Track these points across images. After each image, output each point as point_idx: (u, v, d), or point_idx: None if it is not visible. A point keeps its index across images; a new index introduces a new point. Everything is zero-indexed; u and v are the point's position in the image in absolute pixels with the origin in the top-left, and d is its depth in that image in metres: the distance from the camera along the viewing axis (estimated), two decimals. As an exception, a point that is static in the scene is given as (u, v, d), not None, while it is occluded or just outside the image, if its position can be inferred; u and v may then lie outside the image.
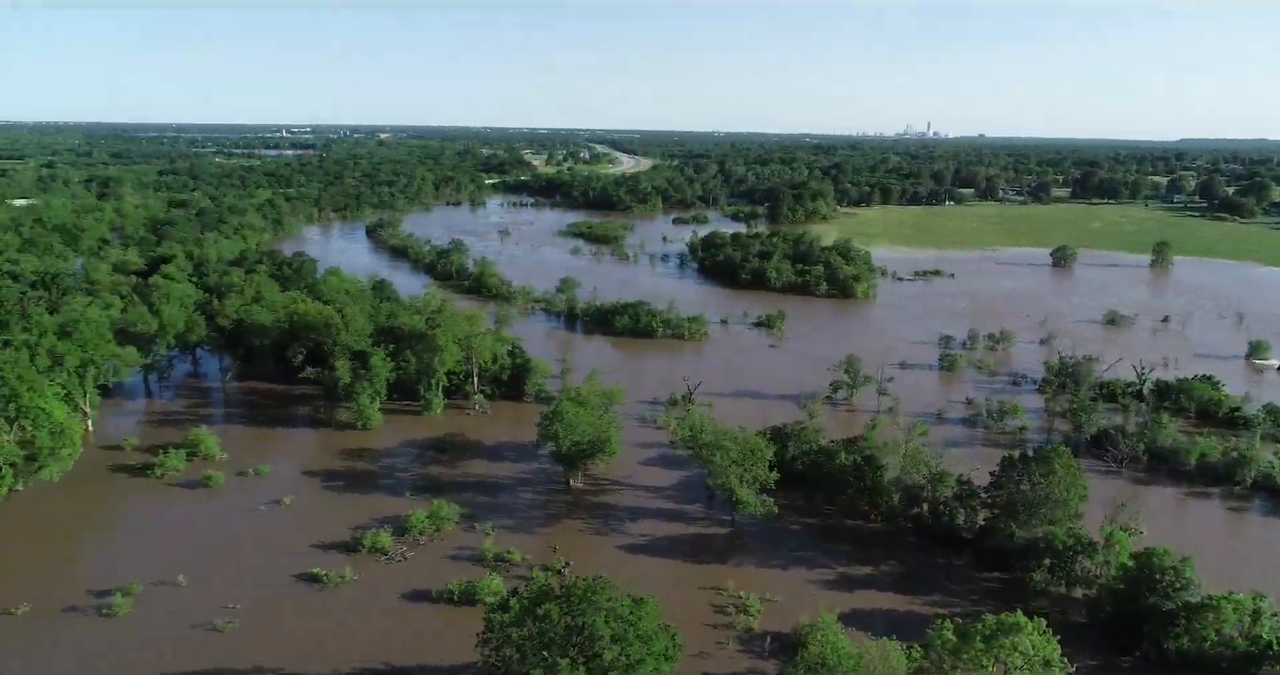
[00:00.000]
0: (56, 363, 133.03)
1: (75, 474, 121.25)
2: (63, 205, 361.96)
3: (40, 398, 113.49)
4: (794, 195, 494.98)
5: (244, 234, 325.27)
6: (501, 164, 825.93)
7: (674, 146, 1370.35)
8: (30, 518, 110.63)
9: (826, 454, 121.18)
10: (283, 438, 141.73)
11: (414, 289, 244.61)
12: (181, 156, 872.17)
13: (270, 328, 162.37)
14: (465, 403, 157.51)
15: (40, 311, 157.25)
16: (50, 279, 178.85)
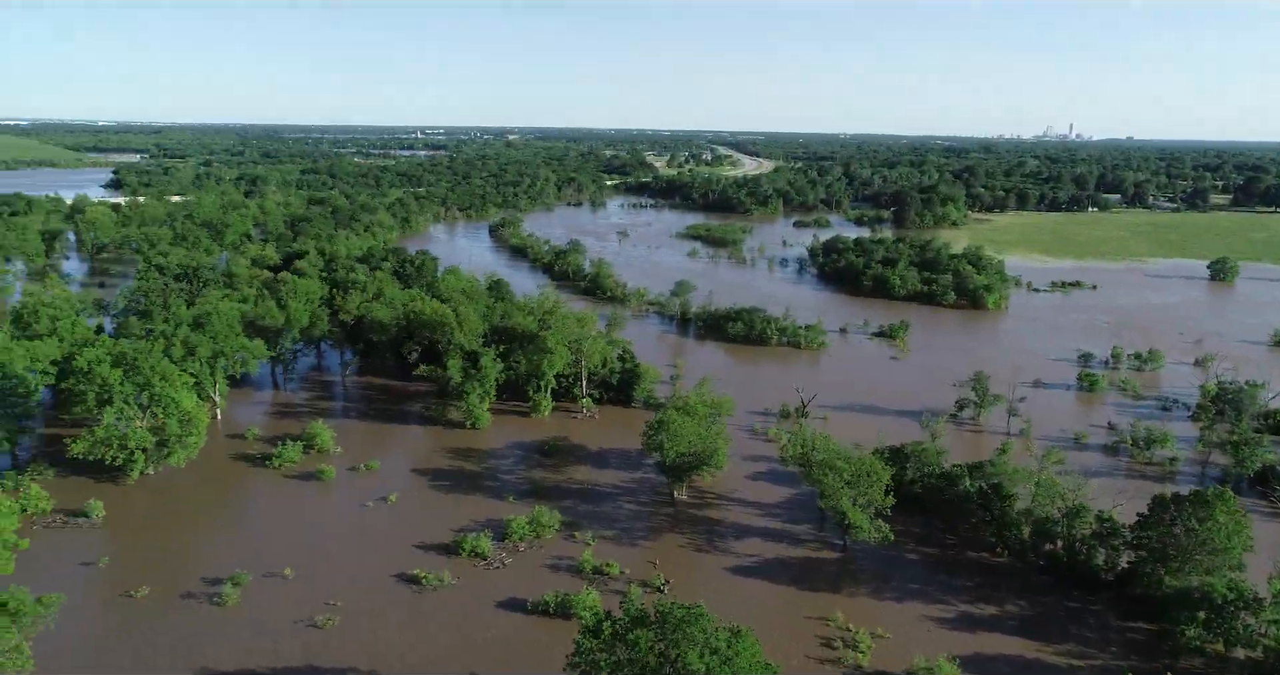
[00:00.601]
0: (190, 353, 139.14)
1: (201, 461, 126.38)
2: (212, 202, 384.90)
3: (171, 387, 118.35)
4: (922, 199, 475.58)
5: (373, 231, 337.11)
6: (624, 165, 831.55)
7: (797, 148, 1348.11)
8: (157, 501, 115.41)
9: (949, 479, 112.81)
10: (394, 433, 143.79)
11: (530, 289, 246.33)
12: (323, 157, 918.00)
13: (389, 324, 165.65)
14: (573, 406, 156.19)
15: (180, 303, 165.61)
16: (192, 272, 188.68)
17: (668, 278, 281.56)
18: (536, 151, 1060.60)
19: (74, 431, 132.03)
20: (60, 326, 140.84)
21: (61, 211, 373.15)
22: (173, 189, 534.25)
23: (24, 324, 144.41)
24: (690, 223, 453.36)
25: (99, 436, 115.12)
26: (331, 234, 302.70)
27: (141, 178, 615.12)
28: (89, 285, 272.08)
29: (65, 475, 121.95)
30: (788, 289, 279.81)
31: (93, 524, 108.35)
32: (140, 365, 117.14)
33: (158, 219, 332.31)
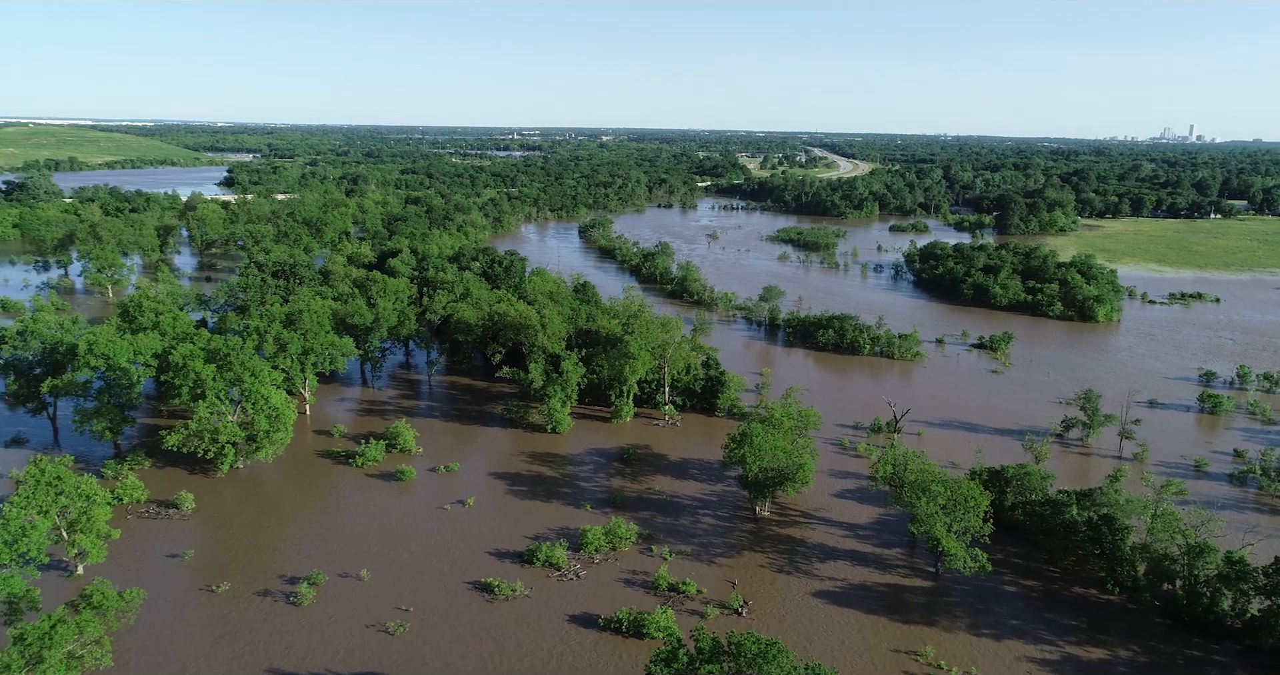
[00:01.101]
0: (281, 349, 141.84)
1: (288, 456, 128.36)
2: (315, 201, 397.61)
3: (260, 384, 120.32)
4: (1027, 204, 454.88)
5: (466, 231, 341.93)
6: (716, 167, 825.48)
7: (895, 150, 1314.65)
8: (244, 495, 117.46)
9: (1055, 507, 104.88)
10: (475, 435, 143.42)
11: (616, 291, 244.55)
12: (422, 157, 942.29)
13: (475, 325, 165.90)
14: (655, 413, 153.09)
15: (275, 300, 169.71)
16: (289, 269, 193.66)
17: (756, 282, 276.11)
18: (629, 153, 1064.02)
19: (173, 422, 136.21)
20: (162, 320, 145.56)
21: (176, 208, 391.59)
22: (279, 187, 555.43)
23: (130, 317, 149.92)
24: (781, 226, 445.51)
25: (192, 430, 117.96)
26: (425, 233, 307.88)
27: (252, 176, 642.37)
28: (197, 279, 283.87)
29: (161, 466, 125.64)
30: (881, 296, 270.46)
31: (182, 515, 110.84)
32: (232, 361, 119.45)
33: (262, 216, 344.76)
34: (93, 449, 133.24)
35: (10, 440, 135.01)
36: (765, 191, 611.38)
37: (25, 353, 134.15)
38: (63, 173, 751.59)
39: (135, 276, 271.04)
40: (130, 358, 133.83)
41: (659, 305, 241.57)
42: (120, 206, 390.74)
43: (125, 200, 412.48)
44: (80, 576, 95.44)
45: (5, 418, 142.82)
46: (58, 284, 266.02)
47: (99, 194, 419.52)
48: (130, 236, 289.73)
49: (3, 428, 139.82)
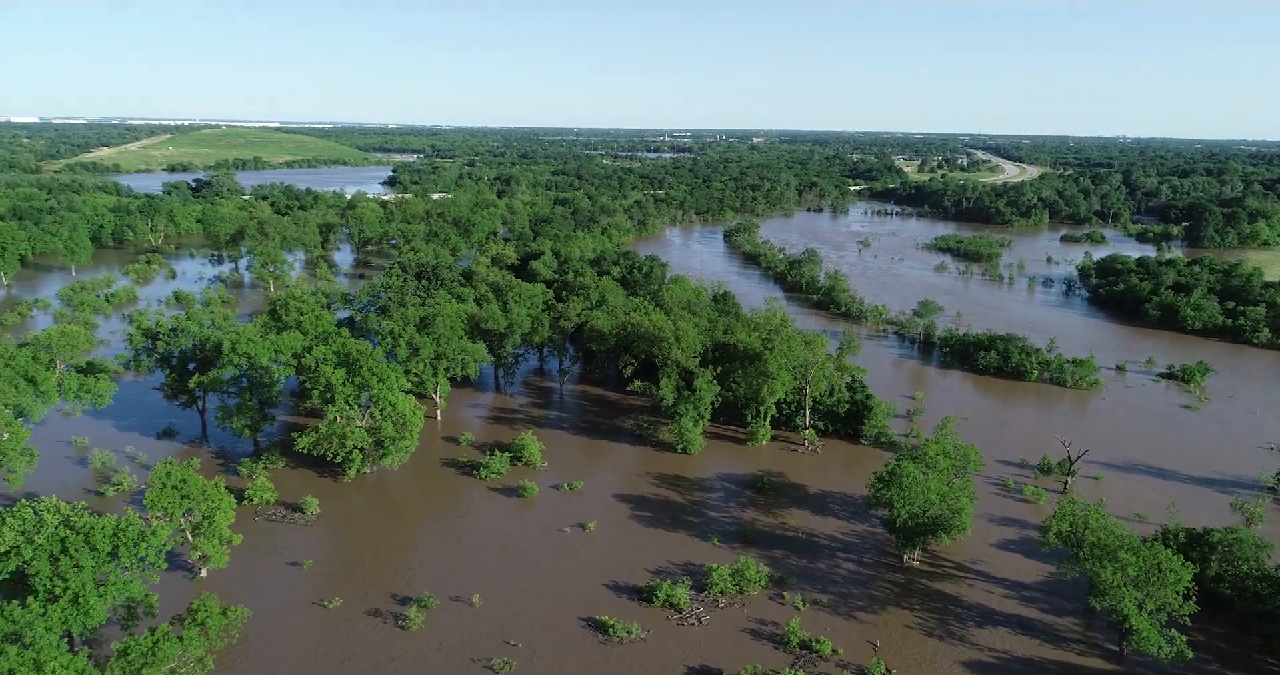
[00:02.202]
0: (414, 353, 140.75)
1: (415, 463, 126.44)
2: (466, 201, 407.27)
3: (389, 390, 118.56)
4: (1224, 214, 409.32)
5: (610, 233, 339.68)
6: (870, 170, 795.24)
7: (1067, 153, 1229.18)
8: (367, 503, 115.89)
9: (1274, 584, 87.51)
10: (602, 451, 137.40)
11: (758, 301, 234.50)
12: (574, 158, 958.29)
13: (608, 335, 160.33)
14: (794, 436, 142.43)
15: (414, 302, 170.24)
16: (431, 270, 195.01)
17: (910, 294, 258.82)
18: (780, 155, 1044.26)
19: (310, 422, 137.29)
20: (304, 320, 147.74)
21: (340, 206, 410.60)
22: (437, 187, 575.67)
23: (277, 315, 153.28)
24: (939, 233, 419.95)
25: (322, 433, 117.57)
26: (569, 235, 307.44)
27: (413, 176, 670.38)
28: (352, 276, 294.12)
29: (294, 466, 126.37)
30: (1051, 314, 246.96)
31: (306, 521, 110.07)
32: (361, 366, 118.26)
33: (416, 216, 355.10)
34: (235, 444, 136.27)
35: (162, 431, 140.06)
36: (922, 196, 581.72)
37: (177, 348, 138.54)
38: (247, 171, 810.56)
39: (296, 272, 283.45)
40: (271, 356, 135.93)
41: (803, 316, 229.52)
42: (290, 204, 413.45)
43: (296, 198, 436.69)
44: (203, 580, 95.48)
45: (162, 409, 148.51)
46: (228, 277, 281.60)
47: (273, 192, 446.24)
48: (294, 233, 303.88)
49: (158, 418, 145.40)
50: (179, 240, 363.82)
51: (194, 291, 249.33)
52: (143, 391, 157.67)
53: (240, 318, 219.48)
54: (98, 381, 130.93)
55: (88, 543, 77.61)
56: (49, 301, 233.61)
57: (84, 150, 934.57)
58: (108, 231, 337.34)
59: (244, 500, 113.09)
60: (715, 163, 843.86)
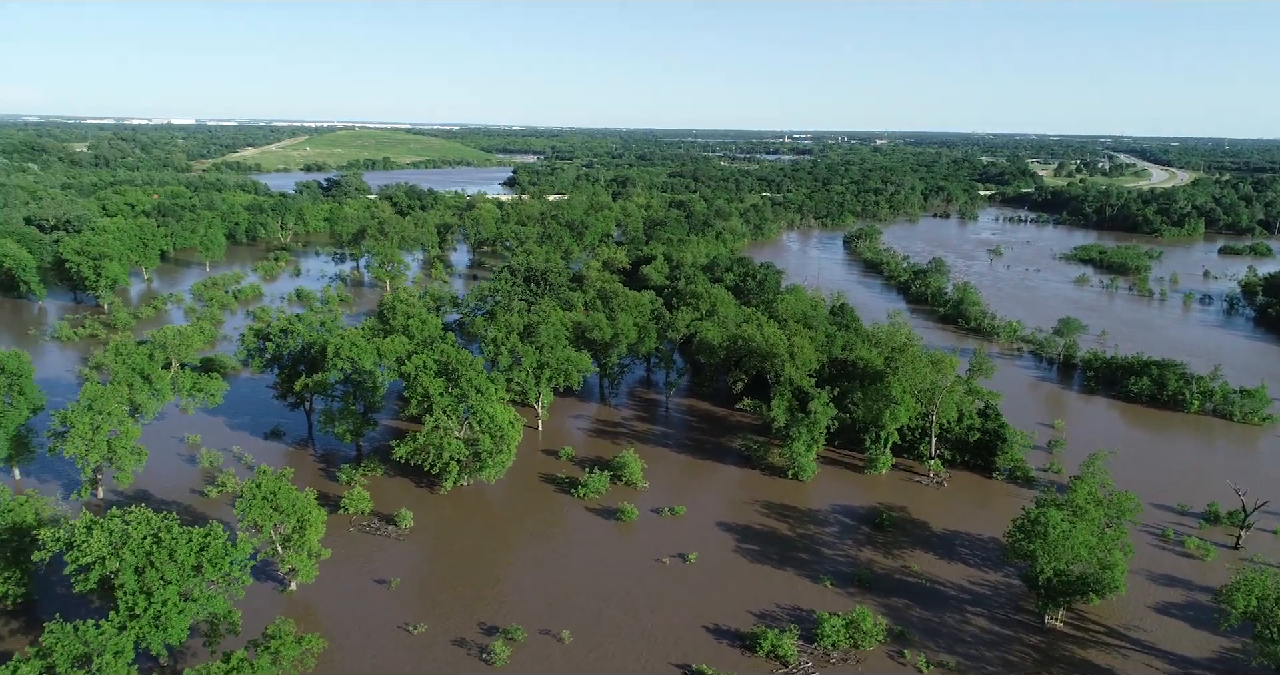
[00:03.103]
0: (516, 362, 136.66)
1: (512, 476, 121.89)
2: (581, 203, 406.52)
3: (487, 402, 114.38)
4: None
5: (724, 238, 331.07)
6: (1001, 174, 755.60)
7: (1223, 157, 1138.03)
8: (462, 518, 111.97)
9: None
10: (707, 472, 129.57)
11: (879, 313, 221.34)
12: (691, 160, 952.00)
13: (718, 347, 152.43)
14: (917, 466, 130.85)
15: (521, 308, 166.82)
16: (540, 275, 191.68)
17: (1046, 309, 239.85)
18: (904, 157, 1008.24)
19: (413, 428, 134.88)
20: (411, 324, 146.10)
21: (459, 207, 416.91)
22: (554, 188, 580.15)
23: (384, 318, 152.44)
24: (1079, 243, 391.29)
25: (419, 443, 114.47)
26: (682, 239, 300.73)
27: (532, 177, 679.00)
28: (466, 277, 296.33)
29: (392, 475, 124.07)
30: (1212, 336, 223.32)
31: (399, 534, 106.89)
32: (460, 377, 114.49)
33: (531, 217, 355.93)
34: (339, 446, 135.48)
35: (270, 432, 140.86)
36: (1060, 202, 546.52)
37: (286, 350, 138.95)
38: (376, 171, 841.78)
39: (413, 272, 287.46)
40: (375, 361, 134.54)
41: (928, 331, 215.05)
42: (412, 204, 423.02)
43: (417, 198, 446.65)
44: (292, 593, 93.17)
45: (273, 409, 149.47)
46: (348, 276, 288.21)
47: (397, 192, 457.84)
48: (412, 233, 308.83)
49: (268, 418, 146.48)
50: (306, 238, 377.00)
51: (315, 289, 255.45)
52: (257, 389, 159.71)
53: (356, 317, 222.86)
54: (210, 380, 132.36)
55: (172, 557, 75.58)
56: (182, 296, 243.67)
57: (231, 150, 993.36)
58: (242, 229, 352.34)
59: (340, 509, 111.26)
60: (836, 165, 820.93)
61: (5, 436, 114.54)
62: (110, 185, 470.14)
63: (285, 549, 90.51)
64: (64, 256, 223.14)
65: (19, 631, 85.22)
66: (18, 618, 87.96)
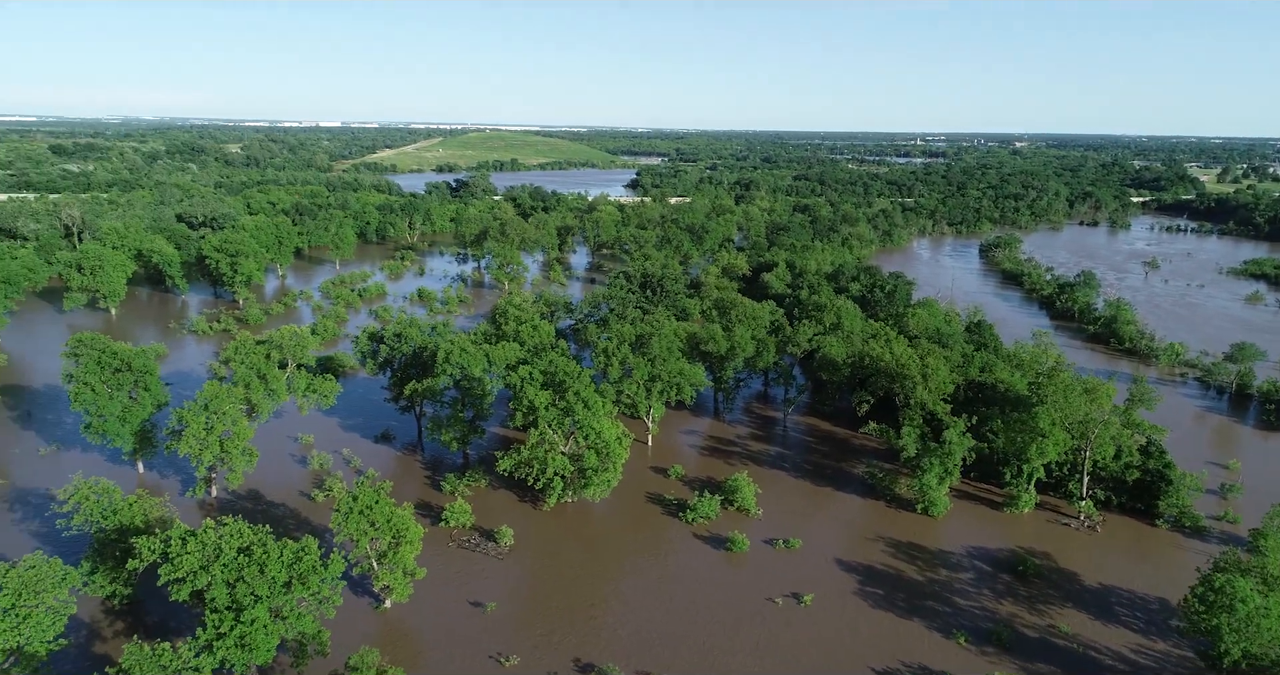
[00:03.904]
0: (626, 374, 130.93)
1: (619, 494, 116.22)
2: (703, 206, 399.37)
3: (594, 417, 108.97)
4: None
5: (850, 244, 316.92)
6: (1156, 179, 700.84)
7: None
8: (564, 537, 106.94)
9: None
10: (826, 501, 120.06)
11: (1020, 330, 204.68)
12: (818, 162, 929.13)
13: (842, 365, 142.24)
14: (1065, 507, 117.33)
15: (634, 316, 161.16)
16: (656, 282, 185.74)
17: (1213, 330, 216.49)
18: (1047, 160, 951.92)
19: (521, 438, 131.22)
20: (522, 330, 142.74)
21: (581, 208, 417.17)
22: (677, 191, 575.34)
23: (496, 323, 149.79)
24: (1248, 256, 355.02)
25: (523, 456, 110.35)
26: (806, 245, 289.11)
27: (654, 179, 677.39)
28: (585, 279, 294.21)
29: (496, 487, 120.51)
30: None
31: (499, 552, 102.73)
32: (567, 389, 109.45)
33: (651, 220, 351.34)
34: (446, 453, 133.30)
35: (380, 435, 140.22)
36: (1225, 210, 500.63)
37: (399, 354, 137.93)
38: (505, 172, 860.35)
39: (531, 274, 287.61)
40: (485, 368, 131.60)
41: (1075, 351, 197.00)
42: (535, 205, 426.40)
43: (541, 199, 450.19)
44: (386, 610, 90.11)
45: (385, 411, 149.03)
46: (470, 276, 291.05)
47: (521, 193, 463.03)
48: (533, 235, 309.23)
49: (380, 421, 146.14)
50: (433, 238, 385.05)
51: (436, 290, 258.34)
52: (372, 390, 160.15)
53: (474, 318, 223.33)
54: (324, 382, 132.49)
55: (263, 571, 73.14)
56: (311, 293, 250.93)
57: (370, 151, 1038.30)
58: (373, 228, 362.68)
59: (441, 521, 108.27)
60: (971, 168, 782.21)
61: (130, 432, 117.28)
62: (257, 184, 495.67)
63: (380, 566, 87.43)
64: (204, 253, 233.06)
65: (122, 633, 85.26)
66: (123, 618, 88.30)
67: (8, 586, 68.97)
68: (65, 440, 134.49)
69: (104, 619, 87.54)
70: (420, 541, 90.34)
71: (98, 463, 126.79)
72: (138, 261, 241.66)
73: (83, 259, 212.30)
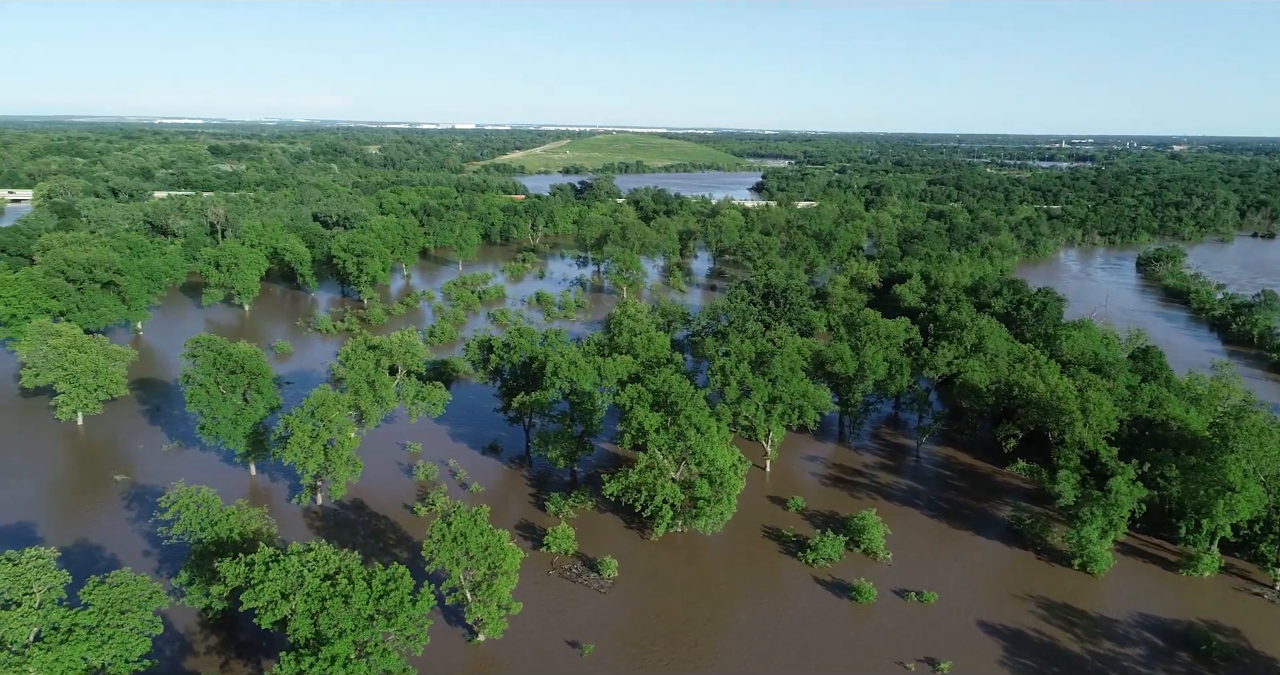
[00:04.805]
0: (745, 394, 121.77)
1: (732, 526, 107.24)
2: (830, 211, 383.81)
3: (707, 443, 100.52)
4: None
5: (991, 256, 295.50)
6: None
7: None
8: (672, 573, 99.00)
9: None
10: (966, 548, 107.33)
11: (1189, 354, 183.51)
12: (954, 166, 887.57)
13: (985, 392, 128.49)
14: (1257, 573, 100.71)
15: (755, 329, 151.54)
16: (780, 293, 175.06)
17: None
18: (1211, 165, 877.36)
19: (632, 457, 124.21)
20: (636, 342, 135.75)
21: (704, 212, 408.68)
22: (803, 194, 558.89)
23: (610, 334, 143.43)
24: None
25: (631, 481, 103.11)
26: (942, 255, 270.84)
27: (780, 182, 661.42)
28: (705, 286, 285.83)
29: (602, 510, 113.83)
30: None
31: (600, 585, 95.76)
32: (679, 412, 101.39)
33: (776, 225, 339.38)
34: (553, 468, 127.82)
35: (488, 446, 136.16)
36: None
37: (508, 363, 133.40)
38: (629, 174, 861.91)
39: (650, 279, 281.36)
40: (596, 382, 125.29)
41: (1256, 381, 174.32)
42: (657, 209, 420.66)
43: (663, 202, 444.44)
44: (479, 644, 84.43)
45: (495, 421, 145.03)
46: (589, 280, 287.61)
47: (644, 196, 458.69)
48: (653, 239, 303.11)
49: (489, 431, 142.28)
50: (555, 239, 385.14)
51: (555, 293, 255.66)
52: (484, 398, 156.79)
53: (590, 324, 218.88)
54: (433, 390, 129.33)
55: (347, 603, 68.42)
56: (433, 294, 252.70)
57: (500, 153, 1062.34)
58: (497, 229, 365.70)
59: (543, 545, 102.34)
60: (1125, 174, 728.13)
61: (242, 434, 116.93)
62: (391, 184, 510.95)
63: (474, 597, 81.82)
64: (332, 252, 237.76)
65: (214, 649, 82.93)
66: (217, 632, 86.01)
67: (94, 604, 66.75)
68: (188, 438, 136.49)
69: (198, 632, 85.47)
70: (517, 573, 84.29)
71: (214, 462, 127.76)
72: (272, 259, 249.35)
73: (220, 256, 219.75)
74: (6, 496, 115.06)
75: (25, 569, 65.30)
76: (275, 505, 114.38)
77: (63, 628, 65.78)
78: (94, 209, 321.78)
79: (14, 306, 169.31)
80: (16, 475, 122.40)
